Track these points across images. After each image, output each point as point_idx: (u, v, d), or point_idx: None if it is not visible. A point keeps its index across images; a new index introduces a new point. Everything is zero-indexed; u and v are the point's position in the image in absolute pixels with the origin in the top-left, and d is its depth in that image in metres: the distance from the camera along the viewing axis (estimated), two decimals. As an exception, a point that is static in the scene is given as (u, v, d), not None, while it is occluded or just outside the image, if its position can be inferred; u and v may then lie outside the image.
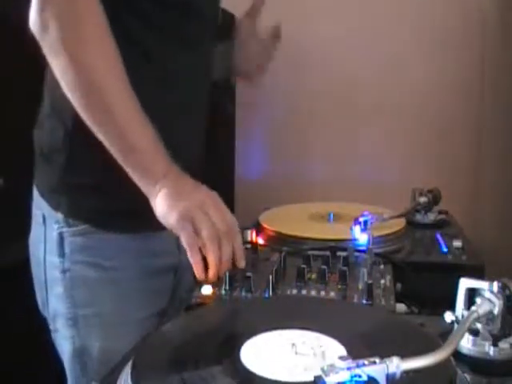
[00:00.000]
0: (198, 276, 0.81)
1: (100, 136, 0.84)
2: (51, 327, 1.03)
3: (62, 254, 0.97)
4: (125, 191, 0.86)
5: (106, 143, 0.84)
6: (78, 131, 0.88)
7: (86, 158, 0.93)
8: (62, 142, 0.95)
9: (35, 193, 1.01)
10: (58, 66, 0.83)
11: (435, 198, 1.27)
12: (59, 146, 0.95)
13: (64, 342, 1.01)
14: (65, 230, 0.97)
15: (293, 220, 1.22)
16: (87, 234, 0.96)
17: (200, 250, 0.81)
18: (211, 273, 0.81)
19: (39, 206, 1.00)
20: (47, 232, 0.99)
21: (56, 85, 0.85)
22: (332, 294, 0.84)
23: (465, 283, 0.67)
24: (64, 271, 0.98)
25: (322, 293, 0.84)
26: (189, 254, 0.80)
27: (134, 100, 0.84)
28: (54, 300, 1.00)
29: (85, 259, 0.97)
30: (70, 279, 0.97)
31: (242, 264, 0.83)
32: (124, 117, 0.84)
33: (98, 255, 0.97)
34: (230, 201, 1.67)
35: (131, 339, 0.94)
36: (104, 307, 0.97)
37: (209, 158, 1.15)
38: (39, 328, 1.33)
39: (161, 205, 0.83)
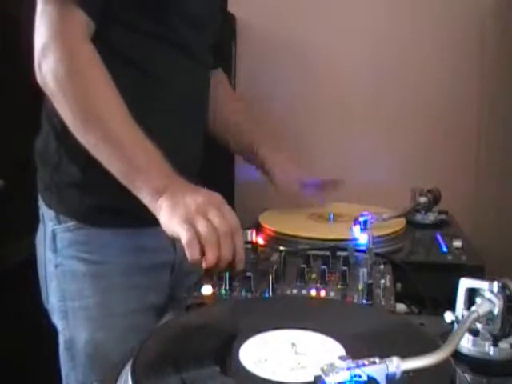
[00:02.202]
0: (190, 259, 0.80)
1: (98, 158, 0.88)
2: (52, 321, 1.06)
3: (55, 250, 1.02)
4: (110, 188, 0.89)
5: (105, 164, 0.88)
6: (66, 135, 0.91)
7: (74, 159, 0.98)
8: (54, 145, 1.00)
9: (38, 194, 1.06)
10: (59, 109, 0.90)
11: (435, 198, 1.27)
12: (52, 149, 1.01)
13: (59, 336, 1.04)
14: (56, 226, 1.02)
15: (293, 220, 1.22)
16: (75, 230, 1.01)
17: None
18: (207, 273, 0.83)
19: (40, 206, 1.05)
20: (46, 229, 1.04)
21: (47, 97, 0.92)
22: (332, 294, 0.84)
23: (465, 283, 0.67)
24: (56, 266, 1.02)
25: (322, 293, 0.84)
26: (187, 252, 0.80)
27: (129, 122, 0.88)
28: (51, 294, 1.05)
29: (73, 254, 1.01)
30: (61, 273, 1.02)
31: (240, 266, 0.84)
32: (120, 141, 0.88)
33: (85, 250, 1.00)
34: (229, 201, 1.67)
35: (117, 333, 0.98)
36: (90, 300, 1.00)
37: (209, 158, 1.15)
38: (39, 328, 1.33)
39: (163, 218, 0.84)
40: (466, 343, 0.64)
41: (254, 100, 1.70)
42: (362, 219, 1.09)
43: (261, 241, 1.08)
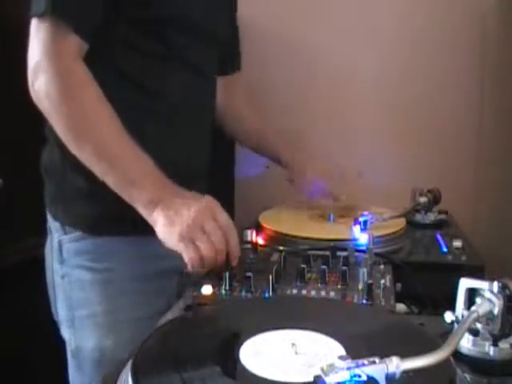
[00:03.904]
0: (191, 269, 0.87)
1: (94, 171, 0.90)
2: (60, 333, 1.07)
3: (61, 261, 1.03)
4: (114, 198, 0.90)
5: (100, 177, 0.90)
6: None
7: (78, 170, 0.97)
8: (58, 157, 1.01)
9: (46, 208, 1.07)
10: (53, 125, 0.91)
11: (435, 198, 1.27)
12: (56, 161, 1.02)
13: (66, 346, 1.04)
14: (62, 237, 1.03)
15: (293, 220, 1.22)
16: (81, 240, 1.01)
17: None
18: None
19: (47, 218, 1.07)
20: (52, 241, 1.05)
21: None
22: (332, 294, 0.84)
23: (465, 283, 0.67)
24: (63, 276, 1.03)
25: (322, 293, 0.84)
26: (188, 265, 0.85)
27: (122, 135, 0.89)
28: (58, 305, 1.06)
29: (80, 263, 1.02)
30: (68, 283, 1.03)
31: (234, 263, 0.89)
32: (113, 155, 0.89)
33: (91, 259, 1.01)
34: (229, 201, 1.67)
35: (124, 340, 0.98)
36: (97, 308, 1.01)
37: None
38: (37, 328, 1.33)
39: (161, 232, 0.86)
40: (466, 343, 0.64)
41: (253, 99, 1.70)
42: (362, 219, 1.09)
43: (261, 241, 1.08)
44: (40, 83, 0.89)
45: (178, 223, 0.84)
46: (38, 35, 0.90)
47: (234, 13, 1.27)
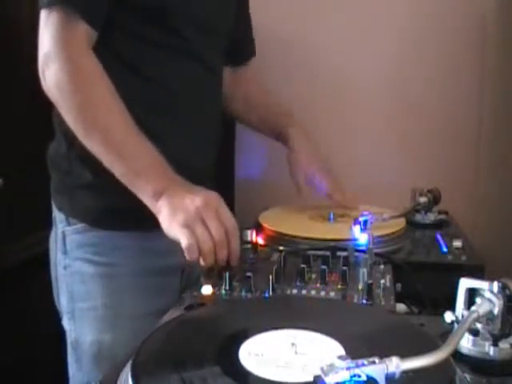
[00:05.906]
0: (189, 260, 0.85)
1: (102, 161, 0.90)
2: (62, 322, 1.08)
3: (64, 252, 1.04)
4: (119, 191, 0.90)
5: (108, 167, 0.90)
6: (76, 138, 0.93)
7: (84, 162, 0.99)
8: (64, 149, 1.02)
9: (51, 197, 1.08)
10: (63, 115, 0.92)
11: (435, 198, 1.27)
12: (62, 153, 1.03)
13: (66, 337, 1.05)
14: (66, 228, 1.04)
15: (293, 220, 1.22)
16: (84, 232, 1.02)
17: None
18: (207, 271, 0.88)
19: (52, 209, 1.07)
20: (56, 231, 1.06)
21: None
22: (332, 294, 0.84)
23: (465, 283, 0.67)
24: (65, 267, 1.04)
25: (322, 293, 0.84)
26: (186, 255, 0.84)
27: (130, 126, 0.90)
28: (61, 295, 1.06)
29: (82, 256, 1.02)
30: (70, 275, 1.03)
31: (234, 263, 0.88)
32: (120, 145, 0.90)
33: (94, 252, 1.01)
34: (230, 201, 1.67)
35: (124, 335, 0.99)
36: (97, 301, 1.01)
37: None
38: (37, 328, 1.33)
39: (164, 221, 0.86)
40: (466, 343, 0.64)
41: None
42: (362, 219, 1.09)
43: (261, 241, 1.08)
44: (50, 73, 0.90)
45: (180, 211, 0.85)
46: (47, 25, 0.90)
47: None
